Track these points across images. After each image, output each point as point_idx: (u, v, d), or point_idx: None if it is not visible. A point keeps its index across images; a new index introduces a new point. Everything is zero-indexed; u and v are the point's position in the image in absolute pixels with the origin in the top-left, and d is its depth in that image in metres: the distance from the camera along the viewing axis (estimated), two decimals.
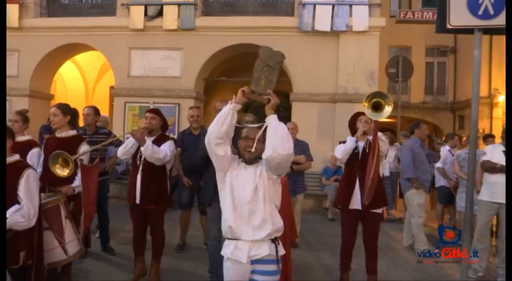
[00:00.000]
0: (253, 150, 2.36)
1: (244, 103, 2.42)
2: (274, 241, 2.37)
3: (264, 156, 2.31)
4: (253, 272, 2.36)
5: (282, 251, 2.43)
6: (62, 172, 3.38)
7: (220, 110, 3.75)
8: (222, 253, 2.45)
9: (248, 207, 2.34)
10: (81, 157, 3.70)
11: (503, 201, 4.39)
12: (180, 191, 5.23)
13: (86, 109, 5.05)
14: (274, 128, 2.28)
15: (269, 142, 2.27)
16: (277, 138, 2.25)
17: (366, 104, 3.42)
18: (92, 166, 3.77)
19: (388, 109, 3.40)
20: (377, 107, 3.43)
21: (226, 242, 2.44)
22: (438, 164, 6.49)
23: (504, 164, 4.44)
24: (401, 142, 7.82)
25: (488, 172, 4.52)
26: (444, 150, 6.67)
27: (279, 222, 2.41)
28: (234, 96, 2.41)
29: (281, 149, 2.24)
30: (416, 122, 5.76)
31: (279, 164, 2.30)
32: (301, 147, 5.41)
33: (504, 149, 4.60)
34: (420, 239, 5.32)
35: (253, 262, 2.35)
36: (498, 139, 4.97)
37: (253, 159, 2.41)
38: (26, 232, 2.63)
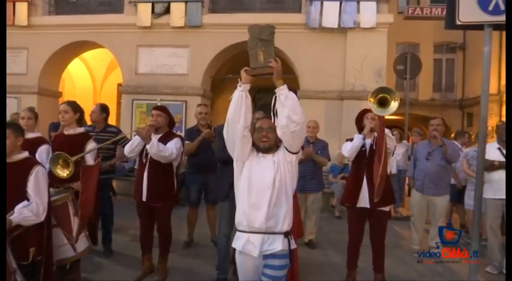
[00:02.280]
0: (267, 139, 2.41)
1: (250, 87, 2.41)
2: (286, 235, 2.37)
3: (279, 126, 2.34)
4: (264, 266, 2.36)
5: (293, 246, 2.44)
6: (62, 172, 3.41)
7: None
8: (234, 245, 2.45)
9: (265, 195, 2.34)
10: (87, 155, 3.72)
11: None
12: (188, 188, 5.25)
13: (93, 107, 5.09)
14: (286, 97, 2.29)
15: (282, 110, 2.29)
16: (290, 106, 2.27)
17: (372, 100, 3.39)
18: (92, 166, 3.76)
19: (394, 105, 3.36)
20: (383, 103, 3.40)
21: (238, 234, 2.42)
22: None
23: (502, 160, 4.51)
24: (414, 140, 7.77)
25: (488, 170, 4.49)
26: None
27: (292, 215, 2.42)
28: (238, 80, 2.40)
29: (295, 115, 2.27)
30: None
31: (294, 134, 2.32)
32: (320, 145, 5.41)
33: (499, 146, 4.60)
34: (412, 238, 5.32)
35: (266, 256, 2.34)
36: (491, 138, 4.95)
37: (268, 148, 2.44)
38: (35, 228, 2.66)
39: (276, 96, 2.36)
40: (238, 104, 2.33)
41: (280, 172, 2.38)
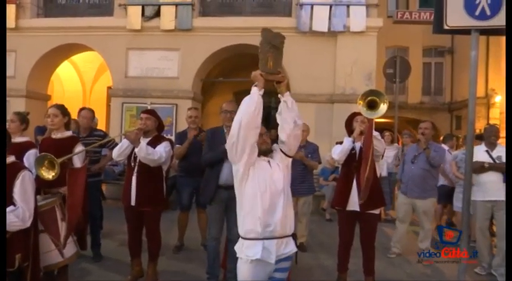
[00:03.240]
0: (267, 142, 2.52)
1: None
2: (294, 236, 2.45)
3: (284, 131, 2.45)
4: (275, 270, 2.37)
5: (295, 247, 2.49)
6: (48, 174, 3.31)
7: (226, 111, 3.80)
8: (244, 255, 2.36)
9: (279, 198, 2.36)
10: (74, 158, 3.67)
11: (496, 198, 4.51)
12: (180, 192, 5.22)
13: (84, 111, 5.03)
14: (292, 103, 2.47)
15: (289, 115, 2.43)
16: (295, 111, 2.46)
17: (361, 102, 3.41)
18: (79, 168, 3.69)
19: (383, 107, 3.39)
20: (372, 106, 3.42)
21: (249, 243, 2.34)
22: None
23: (491, 162, 4.57)
24: (404, 142, 7.84)
25: (477, 172, 4.54)
26: None
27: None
28: (255, 83, 2.36)
29: (299, 120, 2.49)
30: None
31: (296, 137, 2.50)
32: (310, 149, 5.42)
33: (486, 149, 4.66)
34: (392, 240, 5.38)
35: (278, 261, 2.36)
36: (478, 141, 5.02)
37: (269, 150, 2.52)
38: (21, 234, 2.61)
39: (278, 101, 2.48)
40: (257, 109, 2.29)
41: (284, 173, 2.45)
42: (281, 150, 2.52)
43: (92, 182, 4.63)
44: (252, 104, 2.29)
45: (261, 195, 2.33)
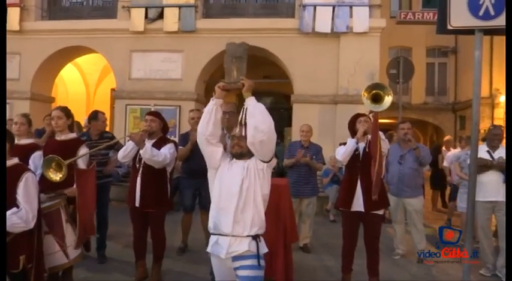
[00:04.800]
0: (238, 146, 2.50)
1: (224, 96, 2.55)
2: (255, 238, 2.41)
3: (248, 136, 2.38)
4: (236, 268, 2.40)
5: (264, 249, 2.45)
6: (55, 176, 3.35)
7: (225, 112, 3.80)
8: (208, 248, 2.51)
9: (232, 200, 2.40)
10: (78, 160, 3.68)
11: (497, 199, 4.49)
12: (182, 193, 5.23)
13: (102, 115, 5.10)
14: (254, 107, 2.37)
15: (250, 121, 2.35)
16: (257, 116, 2.34)
17: (366, 95, 3.39)
18: (88, 170, 3.72)
19: (388, 99, 3.35)
20: (377, 100, 3.40)
21: (211, 237, 2.50)
22: (445, 164, 7.11)
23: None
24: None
25: (482, 170, 4.50)
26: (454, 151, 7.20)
27: (261, 220, 2.46)
28: (213, 94, 2.53)
29: (262, 125, 2.31)
30: (397, 124, 5.66)
31: (262, 143, 2.34)
32: (314, 150, 5.41)
33: (488, 149, 4.64)
34: (395, 242, 5.35)
35: (235, 258, 2.39)
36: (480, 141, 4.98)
37: (240, 154, 2.50)
38: (25, 235, 2.62)
39: (244, 108, 2.43)
40: (207, 117, 2.47)
41: (250, 178, 2.42)
42: None
43: (103, 184, 4.67)
44: (205, 112, 2.50)
45: (218, 195, 2.47)
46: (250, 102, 2.39)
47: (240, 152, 2.49)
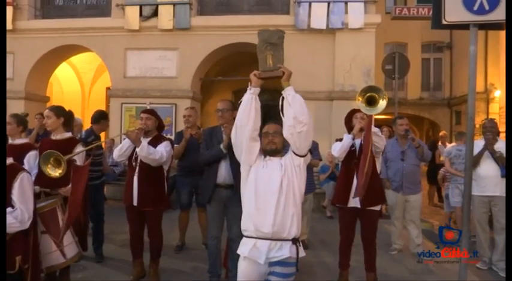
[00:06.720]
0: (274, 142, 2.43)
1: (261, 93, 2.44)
2: (295, 241, 2.33)
3: (285, 127, 2.32)
4: (270, 273, 2.30)
5: (302, 253, 2.37)
6: (54, 172, 3.30)
7: (218, 109, 3.79)
8: (239, 251, 2.41)
9: (272, 199, 2.30)
10: (75, 157, 3.66)
11: (494, 193, 4.54)
12: (179, 191, 5.22)
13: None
14: (293, 97, 2.31)
15: (289, 111, 2.29)
16: (297, 106, 2.29)
17: (360, 99, 3.39)
18: (83, 166, 3.67)
19: (382, 103, 3.35)
20: (371, 102, 3.39)
21: (244, 240, 2.38)
22: (443, 158, 7.13)
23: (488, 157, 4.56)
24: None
25: (477, 162, 4.52)
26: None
27: (300, 219, 2.39)
28: (249, 83, 2.42)
29: (302, 116, 2.27)
30: (393, 119, 5.57)
31: (301, 135, 2.30)
32: (311, 146, 5.39)
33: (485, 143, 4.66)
34: (393, 238, 5.35)
35: (272, 264, 2.29)
36: (478, 136, 4.99)
37: (275, 150, 2.44)
38: (21, 236, 2.61)
39: (282, 97, 2.36)
40: (247, 107, 2.36)
41: (288, 175, 2.35)
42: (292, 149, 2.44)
43: (98, 183, 4.70)
44: (243, 103, 2.36)
45: (255, 194, 2.34)
46: (290, 92, 2.33)
47: (274, 148, 2.42)
